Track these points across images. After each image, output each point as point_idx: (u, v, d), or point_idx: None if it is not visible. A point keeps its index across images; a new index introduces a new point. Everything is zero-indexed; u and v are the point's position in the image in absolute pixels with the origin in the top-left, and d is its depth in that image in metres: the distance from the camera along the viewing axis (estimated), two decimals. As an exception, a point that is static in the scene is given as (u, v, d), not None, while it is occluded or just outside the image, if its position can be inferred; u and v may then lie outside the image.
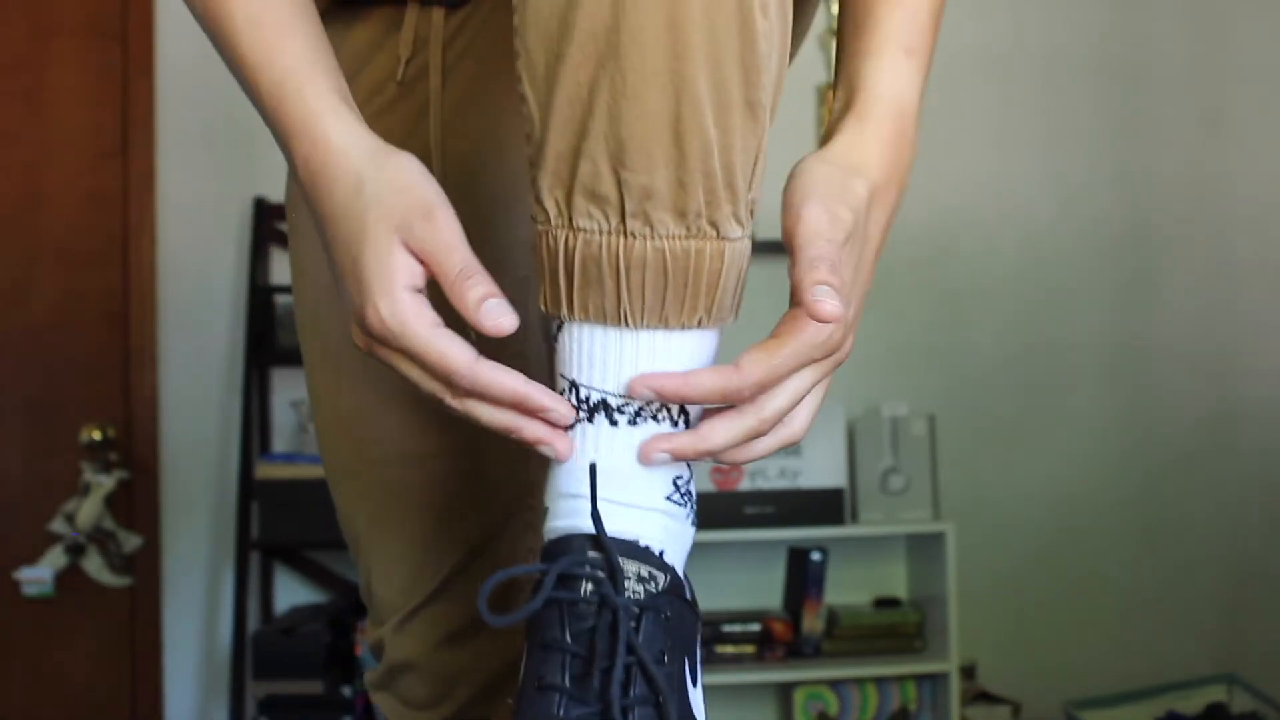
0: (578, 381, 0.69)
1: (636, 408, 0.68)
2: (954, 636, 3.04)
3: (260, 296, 3.13)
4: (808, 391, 0.71)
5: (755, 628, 3.09)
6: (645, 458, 0.68)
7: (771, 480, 3.09)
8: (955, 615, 3.05)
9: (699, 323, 0.67)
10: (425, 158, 0.77)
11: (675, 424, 0.69)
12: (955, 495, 3.25)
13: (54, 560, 3.10)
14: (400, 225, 0.69)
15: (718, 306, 0.68)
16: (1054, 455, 3.40)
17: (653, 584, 0.67)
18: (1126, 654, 3.36)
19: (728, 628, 3.08)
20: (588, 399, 0.68)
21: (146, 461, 3.18)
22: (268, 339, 3.11)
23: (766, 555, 3.25)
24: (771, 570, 3.25)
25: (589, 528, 0.68)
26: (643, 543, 0.68)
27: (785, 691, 3.19)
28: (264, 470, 2.99)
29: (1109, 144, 3.48)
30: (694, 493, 0.73)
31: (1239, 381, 3.47)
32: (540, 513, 0.88)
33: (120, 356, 3.20)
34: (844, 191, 0.71)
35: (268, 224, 3.19)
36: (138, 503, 3.18)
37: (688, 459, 0.70)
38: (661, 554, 0.69)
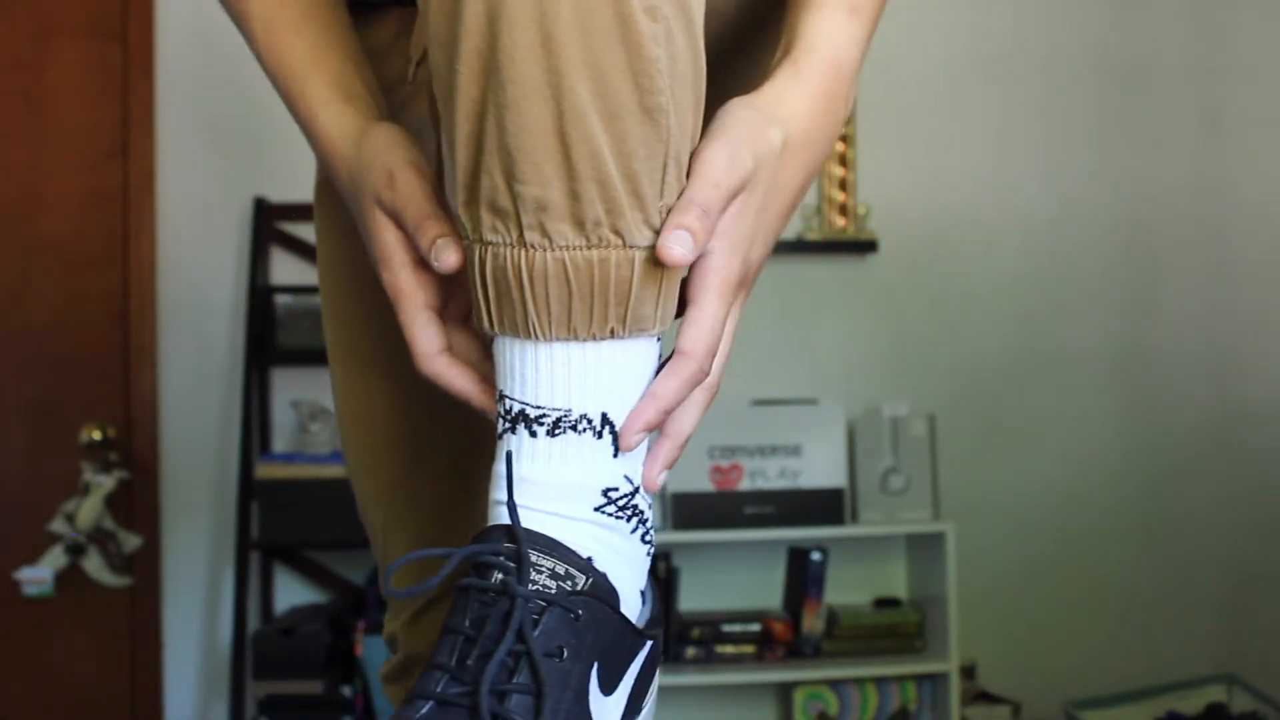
0: (503, 392, 0.70)
1: (555, 419, 0.68)
2: (954, 636, 3.04)
3: (260, 296, 3.13)
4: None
5: (755, 628, 3.09)
6: (626, 445, 0.69)
7: (771, 480, 3.09)
8: (955, 615, 3.05)
9: (612, 333, 0.67)
10: (435, 159, 0.78)
11: (599, 435, 0.69)
12: (955, 495, 3.25)
13: (54, 560, 3.10)
14: (376, 198, 0.75)
15: (633, 316, 0.67)
16: (1054, 455, 3.40)
17: (569, 583, 0.67)
18: (1126, 654, 3.36)
19: (728, 628, 3.09)
20: (510, 410, 0.69)
21: (146, 461, 3.18)
22: (268, 339, 3.11)
23: (766, 555, 3.25)
24: (771, 570, 3.25)
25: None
26: (566, 544, 0.68)
27: (785, 691, 3.19)
28: (264, 470, 3.00)
29: (1109, 145, 3.48)
30: (642, 510, 0.72)
31: (1239, 382, 3.47)
32: None
33: (120, 356, 3.20)
34: (755, 136, 0.70)
35: (268, 224, 3.19)
36: (138, 503, 3.18)
37: (655, 426, 0.70)
38: (590, 560, 0.68)
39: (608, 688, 0.69)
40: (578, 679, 0.66)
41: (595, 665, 0.67)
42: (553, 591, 0.66)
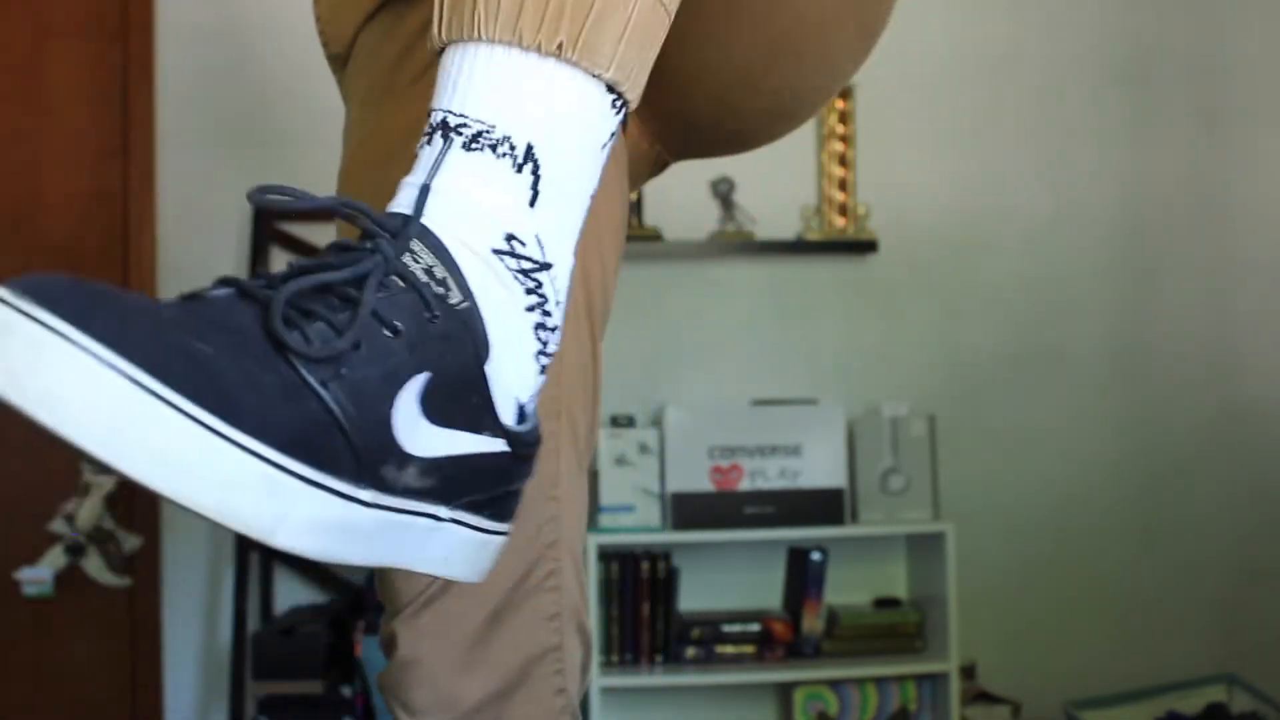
0: (432, 106, 0.66)
1: (475, 131, 0.64)
2: (954, 636, 3.04)
3: (260, 296, 3.12)
4: None
5: (755, 628, 3.09)
6: None
7: (771, 480, 3.09)
8: (955, 615, 3.05)
9: (559, 49, 0.63)
10: None
11: (518, 167, 0.64)
12: (955, 495, 3.25)
13: (54, 560, 3.10)
14: None
15: (586, 39, 0.63)
16: (1054, 455, 3.40)
17: (442, 289, 0.62)
18: (1126, 654, 3.36)
19: (728, 628, 3.09)
20: (434, 121, 0.66)
21: (146, 461, 3.18)
22: (268, 339, 3.10)
23: (766, 555, 3.25)
24: (771, 570, 3.25)
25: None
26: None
27: (785, 691, 3.19)
28: (264, 470, 2.99)
29: (1109, 144, 3.48)
30: (547, 299, 0.66)
31: (1239, 381, 3.47)
32: (560, 502, 0.86)
33: (120, 356, 3.20)
34: None
35: (268, 224, 3.19)
36: (138, 503, 3.18)
37: None
38: (469, 289, 0.63)
39: (430, 416, 0.61)
40: (396, 368, 0.59)
41: (425, 377, 0.61)
42: (421, 279, 0.62)
